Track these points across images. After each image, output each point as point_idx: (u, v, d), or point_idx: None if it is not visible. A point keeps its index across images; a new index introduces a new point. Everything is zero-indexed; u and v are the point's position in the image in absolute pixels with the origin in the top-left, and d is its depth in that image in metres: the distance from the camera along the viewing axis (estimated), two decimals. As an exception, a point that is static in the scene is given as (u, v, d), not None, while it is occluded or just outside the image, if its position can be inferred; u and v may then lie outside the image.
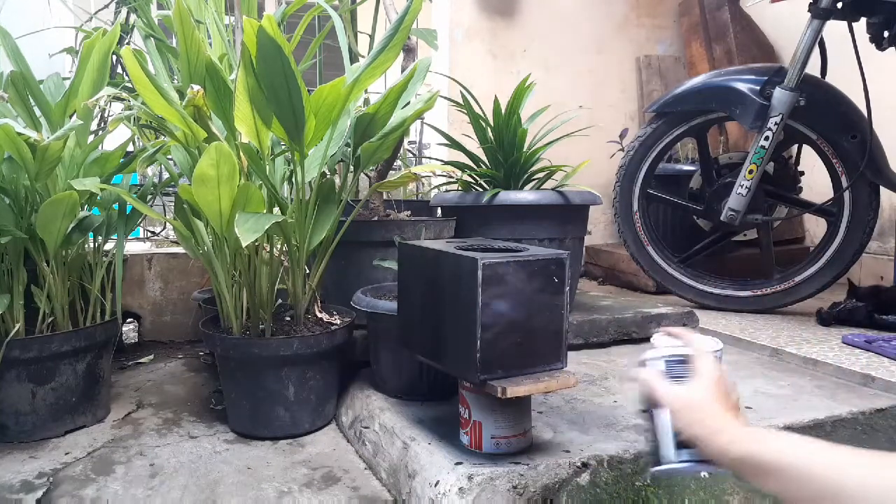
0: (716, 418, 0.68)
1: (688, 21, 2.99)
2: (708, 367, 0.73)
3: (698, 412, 0.69)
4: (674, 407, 0.72)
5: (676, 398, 0.72)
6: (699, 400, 0.70)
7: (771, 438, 0.63)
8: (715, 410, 0.68)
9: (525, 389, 0.87)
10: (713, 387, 0.71)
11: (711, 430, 0.67)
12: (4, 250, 1.22)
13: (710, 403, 0.69)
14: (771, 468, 0.60)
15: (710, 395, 0.70)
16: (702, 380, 0.72)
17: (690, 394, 0.71)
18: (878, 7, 1.61)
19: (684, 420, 0.70)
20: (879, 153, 1.74)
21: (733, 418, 0.68)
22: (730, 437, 0.65)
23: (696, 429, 0.68)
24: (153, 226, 2.29)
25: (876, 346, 1.47)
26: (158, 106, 1.06)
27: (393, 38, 1.11)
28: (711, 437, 0.67)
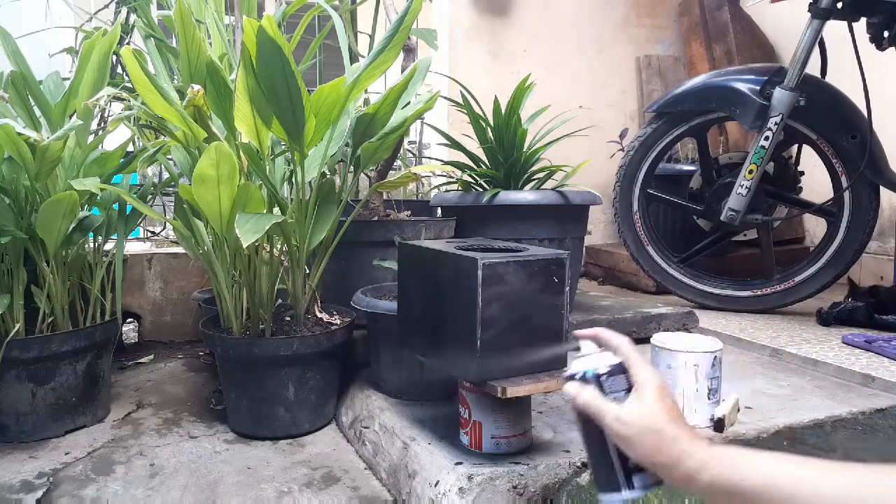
0: (676, 441, 0.60)
1: (688, 21, 2.99)
2: (646, 376, 0.65)
3: (652, 436, 0.61)
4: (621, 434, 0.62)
5: (621, 423, 0.62)
6: (652, 423, 0.61)
7: (741, 461, 0.56)
8: (672, 431, 0.60)
9: (525, 389, 0.87)
10: (661, 401, 0.63)
11: (673, 457, 0.59)
12: (4, 250, 1.22)
13: (664, 424, 0.61)
14: (747, 495, 0.54)
15: (661, 414, 0.61)
16: (644, 395, 0.63)
17: (638, 416, 0.62)
18: (878, 7, 1.61)
19: (639, 451, 0.62)
20: (879, 153, 1.74)
21: (689, 436, 0.60)
22: (696, 463, 0.58)
23: (655, 457, 0.60)
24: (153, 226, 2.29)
25: (876, 346, 1.47)
26: (158, 106, 1.06)
27: (393, 38, 1.11)
28: (674, 465, 0.59)
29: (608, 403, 0.64)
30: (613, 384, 0.66)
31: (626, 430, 0.62)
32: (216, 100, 1.11)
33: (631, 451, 0.63)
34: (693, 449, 0.59)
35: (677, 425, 0.61)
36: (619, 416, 0.63)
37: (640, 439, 0.61)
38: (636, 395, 0.64)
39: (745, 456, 0.56)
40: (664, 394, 0.63)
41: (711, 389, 1.03)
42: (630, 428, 0.62)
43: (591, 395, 0.66)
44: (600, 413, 0.64)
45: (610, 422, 0.63)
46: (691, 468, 0.58)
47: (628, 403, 0.64)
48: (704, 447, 0.59)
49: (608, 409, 0.64)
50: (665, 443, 0.60)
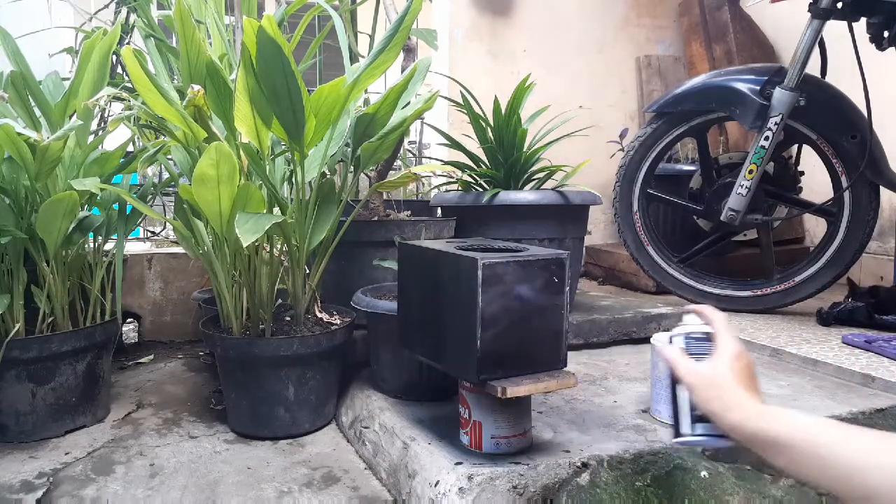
0: (730, 395, 0.70)
1: (688, 21, 2.99)
2: (728, 344, 0.75)
3: (714, 389, 0.71)
4: (690, 383, 0.74)
5: (693, 375, 0.74)
6: (715, 376, 0.72)
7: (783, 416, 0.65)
8: (730, 387, 0.70)
9: (525, 389, 0.87)
10: (731, 364, 0.73)
11: (725, 407, 0.69)
12: (4, 250, 1.22)
13: (726, 380, 0.71)
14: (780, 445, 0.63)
15: (727, 372, 0.72)
16: (721, 357, 0.74)
17: (707, 371, 0.73)
18: (878, 7, 1.61)
19: (700, 396, 0.73)
20: (879, 153, 1.74)
21: (749, 395, 0.70)
22: (743, 414, 0.67)
23: (712, 405, 0.71)
24: (153, 226, 2.29)
25: (876, 346, 1.47)
26: (158, 106, 1.06)
27: (393, 38, 1.11)
28: (725, 413, 0.69)
29: (685, 359, 0.77)
30: (698, 347, 0.78)
31: (692, 379, 0.74)
32: (216, 100, 1.11)
33: (694, 398, 0.74)
34: (743, 402, 0.69)
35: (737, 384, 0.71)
36: (690, 368, 0.75)
37: (700, 388, 0.73)
38: (713, 357, 0.75)
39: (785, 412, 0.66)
40: (738, 361, 0.73)
41: (711, 389, 1.03)
42: (696, 378, 0.74)
43: (672, 350, 0.79)
44: (675, 364, 0.77)
45: (682, 372, 0.76)
46: (738, 419, 0.68)
47: (703, 362, 0.75)
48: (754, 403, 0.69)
49: (683, 362, 0.76)
50: (719, 393, 0.71)
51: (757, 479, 1.00)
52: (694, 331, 0.80)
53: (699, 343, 0.79)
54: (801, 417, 0.64)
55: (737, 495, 0.97)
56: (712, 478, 0.97)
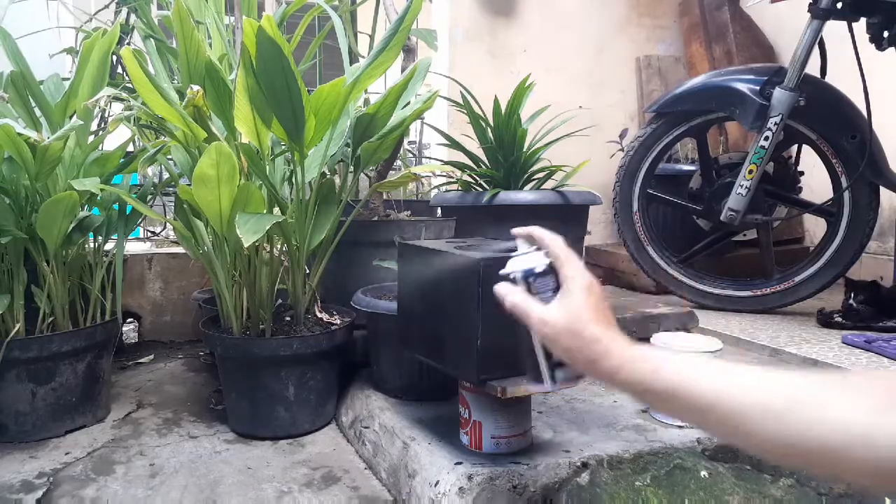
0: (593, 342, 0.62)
1: (688, 21, 2.99)
2: (575, 276, 0.66)
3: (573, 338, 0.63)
4: (545, 335, 0.65)
5: (544, 323, 0.65)
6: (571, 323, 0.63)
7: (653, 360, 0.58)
8: (591, 333, 0.62)
9: (525, 389, 0.87)
10: (585, 301, 0.64)
11: (592, 357, 0.61)
12: (4, 250, 1.22)
13: (584, 325, 0.62)
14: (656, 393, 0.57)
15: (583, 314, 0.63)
16: (571, 294, 0.65)
17: (559, 315, 0.64)
18: (877, 7, 1.61)
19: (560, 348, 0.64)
20: (879, 153, 1.74)
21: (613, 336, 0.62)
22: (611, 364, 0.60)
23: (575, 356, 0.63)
24: (153, 226, 2.29)
25: (876, 346, 1.47)
26: (158, 106, 1.06)
27: (393, 38, 1.12)
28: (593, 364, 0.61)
29: (534, 304, 0.67)
30: (542, 284, 0.68)
31: (547, 329, 0.65)
32: (216, 100, 1.11)
33: (553, 350, 0.66)
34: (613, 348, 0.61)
35: (598, 326, 0.62)
36: (542, 317, 0.65)
37: (561, 339, 0.64)
38: (561, 295, 0.66)
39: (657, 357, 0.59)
40: (589, 293, 0.65)
41: (711, 389, 1.03)
42: (552, 328, 0.64)
43: (518, 296, 0.68)
44: (526, 314, 0.67)
45: (534, 322, 0.66)
46: (610, 367, 0.60)
47: (552, 304, 0.66)
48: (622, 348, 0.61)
49: (533, 310, 0.66)
50: (584, 343, 0.62)
51: (757, 478, 1.00)
52: (532, 264, 0.69)
53: (542, 279, 0.68)
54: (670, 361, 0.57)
55: (737, 495, 0.97)
56: (712, 478, 0.97)
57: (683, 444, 0.99)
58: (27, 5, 1.61)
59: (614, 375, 0.60)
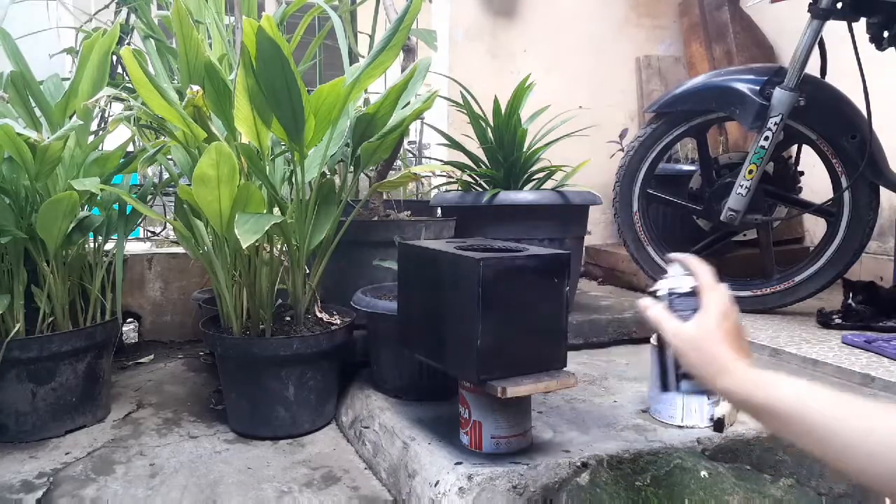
0: (717, 358, 0.68)
1: (688, 21, 2.99)
2: (715, 301, 0.72)
3: (701, 353, 0.69)
4: (677, 347, 0.72)
5: (676, 337, 0.72)
6: (702, 339, 0.70)
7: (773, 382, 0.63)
8: (716, 349, 0.68)
9: (525, 389, 0.88)
10: (718, 323, 0.70)
11: (712, 371, 0.68)
12: (4, 250, 1.22)
13: (711, 342, 0.69)
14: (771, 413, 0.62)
15: (713, 333, 0.69)
16: (707, 316, 0.71)
17: (693, 332, 0.71)
18: (877, 7, 1.61)
19: (688, 360, 0.71)
20: (879, 153, 1.74)
21: (736, 357, 0.67)
22: (732, 380, 0.66)
23: (700, 369, 0.69)
24: (153, 226, 2.29)
25: (876, 346, 1.47)
26: (158, 106, 1.06)
27: (392, 38, 1.12)
28: (714, 378, 0.67)
29: (670, 319, 0.74)
30: (683, 304, 0.75)
31: (678, 342, 0.72)
32: (215, 100, 1.11)
33: (681, 361, 0.73)
34: (732, 367, 0.67)
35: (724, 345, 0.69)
36: (675, 330, 0.72)
37: (688, 353, 0.71)
38: (699, 316, 0.72)
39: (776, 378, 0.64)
40: (724, 319, 0.71)
41: (711, 389, 1.03)
42: (680, 340, 0.72)
43: (658, 310, 0.76)
44: (660, 326, 0.74)
45: (667, 334, 0.73)
46: (728, 385, 0.66)
47: (689, 322, 0.72)
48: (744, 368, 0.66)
49: (668, 323, 0.73)
50: (707, 358, 0.69)
51: (757, 479, 1.00)
52: (678, 286, 0.76)
53: (684, 299, 0.75)
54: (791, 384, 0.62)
55: (737, 495, 0.98)
56: (712, 478, 0.97)
57: (683, 444, 0.99)
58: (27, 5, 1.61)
59: (731, 390, 0.66)
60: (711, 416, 1.04)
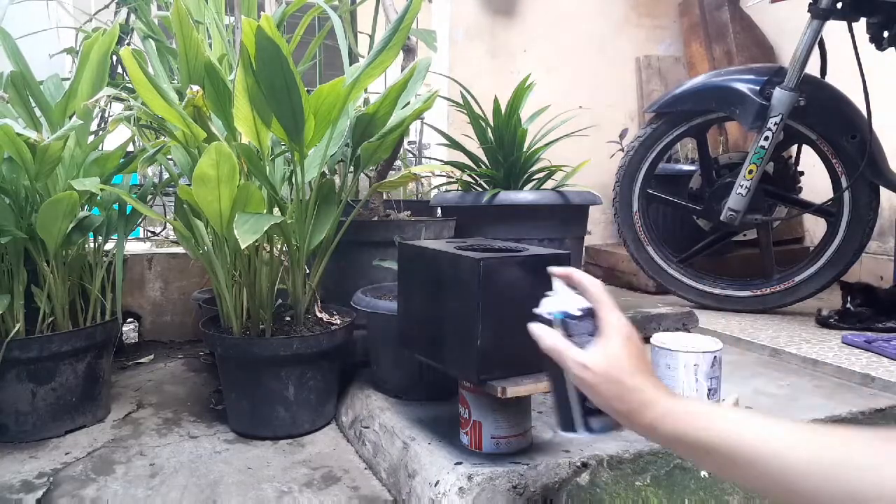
0: (635, 391, 0.59)
1: (688, 21, 2.99)
2: (614, 323, 0.64)
3: (613, 385, 0.60)
4: (584, 380, 0.62)
5: (585, 370, 0.62)
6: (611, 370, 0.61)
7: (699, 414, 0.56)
8: (632, 381, 0.60)
9: (525, 389, 0.87)
10: (626, 349, 0.62)
11: (632, 407, 0.59)
12: (4, 250, 1.22)
13: (626, 374, 0.60)
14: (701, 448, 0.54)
15: (625, 362, 0.61)
16: (610, 342, 0.63)
17: (601, 363, 0.62)
18: (877, 7, 1.61)
19: (599, 396, 0.62)
20: (879, 153, 1.74)
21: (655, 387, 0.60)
22: (657, 413, 0.58)
23: (615, 405, 0.60)
24: (153, 226, 2.29)
25: (876, 346, 1.47)
26: (158, 106, 1.06)
27: (392, 38, 1.12)
28: (634, 414, 0.59)
29: (571, 348, 0.64)
30: (580, 327, 0.66)
31: (586, 375, 0.62)
32: (215, 100, 1.11)
33: (591, 397, 0.63)
34: (653, 400, 0.58)
35: (639, 375, 0.60)
36: (580, 361, 0.63)
37: (600, 387, 0.61)
38: (601, 341, 0.64)
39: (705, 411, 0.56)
40: (630, 342, 0.63)
41: (711, 389, 1.03)
42: (590, 375, 0.62)
43: (554, 338, 0.66)
44: (562, 357, 0.64)
45: (571, 366, 0.63)
46: (652, 419, 0.58)
47: (591, 349, 0.63)
48: (665, 398, 0.58)
49: (570, 354, 0.64)
50: (625, 392, 0.60)
51: (757, 478, 1.00)
52: (568, 307, 0.67)
53: (579, 322, 0.66)
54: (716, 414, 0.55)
55: (737, 495, 0.98)
56: (712, 478, 0.97)
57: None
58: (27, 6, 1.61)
59: (656, 427, 0.58)
60: (711, 416, 1.03)
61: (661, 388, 0.60)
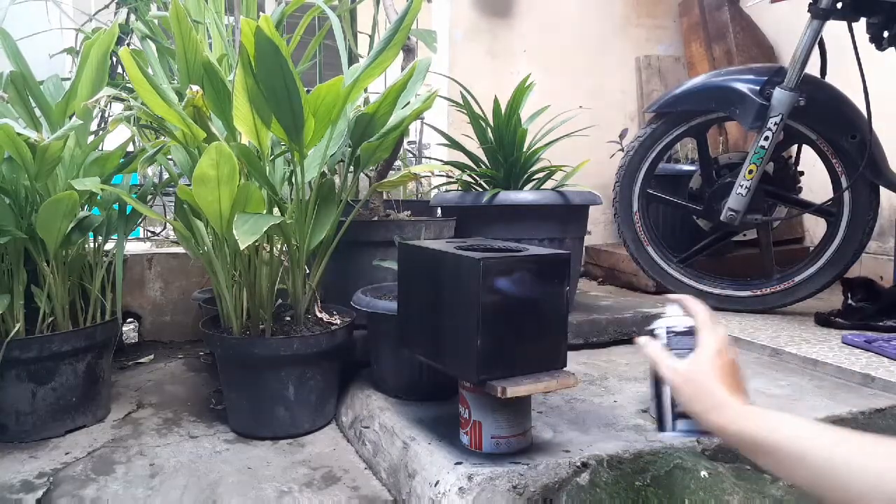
0: (712, 395, 0.69)
1: (688, 21, 2.99)
2: (710, 340, 0.74)
3: (695, 389, 0.70)
4: (672, 382, 0.74)
5: (673, 374, 0.73)
6: (696, 375, 0.71)
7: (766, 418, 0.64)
8: (712, 386, 0.69)
9: (525, 389, 0.87)
10: (712, 361, 0.71)
11: (707, 407, 0.68)
12: (4, 250, 1.22)
13: (707, 379, 0.70)
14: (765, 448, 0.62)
15: (709, 370, 0.70)
16: (702, 354, 0.73)
17: (688, 369, 0.72)
18: (877, 7, 1.61)
19: (682, 396, 0.72)
20: (879, 153, 1.74)
21: (731, 394, 0.68)
22: (726, 416, 0.66)
23: (694, 405, 0.70)
24: (153, 226, 2.29)
25: (876, 346, 1.47)
26: (157, 106, 1.06)
27: (392, 38, 1.12)
28: (707, 414, 0.68)
29: (667, 356, 0.76)
30: (680, 342, 0.78)
31: (673, 377, 0.74)
32: (215, 100, 1.11)
33: (676, 398, 0.74)
34: (727, 404, 0.67)
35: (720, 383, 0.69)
36: (671, 366, 0.74)
37: (682, 389, 0.72)
38: (695, 353, 0.74)
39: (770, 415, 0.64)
40: (720, 357, 0.72)
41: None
42: (677, 376, 0.73)
43: (655, 347, 0.78)
44: (657, 362, 0.76)
45: (663, 370, 0.75)
46: (723, 420, 0.67)
47: (685, 359, 0.74)
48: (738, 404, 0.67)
49: (664, 360, 0.75)
50: (702, 394, 0.70)
51: (757, 479, 1.00)
52: (675, 324, 0.79)
53: (681, 338, 0.78)
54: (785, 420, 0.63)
55: (737, 495, 0.97)
56: (712, 478, 0.97)
57: (683, 444, 0.99)
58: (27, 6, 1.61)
59: (726, 426, 0.66)
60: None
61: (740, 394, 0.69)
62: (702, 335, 0.75)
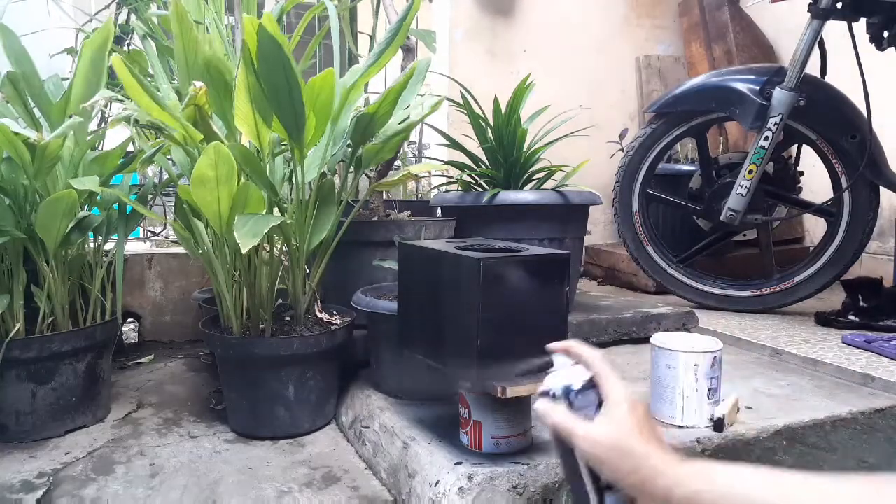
0: (647, 459, 0.58)
1: (687, 21, 2.99)
2: (618, 391, 0.63)
3: (626, 458, 0.59)
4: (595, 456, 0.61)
5: (593, 444, 0.61)
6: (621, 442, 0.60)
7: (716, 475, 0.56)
8: (643, 450, 0.59)
9: (525, 389, 0.87)
10: (630, 418, 0.61)
11: (646, 477, 0.58)
12: (4, 250, 1.22)
13: (635, 443, 0.59)
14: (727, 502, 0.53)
15: (633, 430, 0.60)
16: (616, 412, 0.62)
17: (611, 436, 0.61)
18: (877, 7, 1.61)
19: (612, 470, 0.60)
20: (879, 153, 1.74)
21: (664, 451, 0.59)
22: (670, 480, 0.57)
23: (626, 476, 0.59)
24: (153, 226, 2.29)
25: (876, 346, 1.47)
26: (153, 110, 1.05)
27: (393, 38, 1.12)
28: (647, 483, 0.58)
29: (578, 422, 0.63)
30: (584, 400, 0.65)
31: (595, 449, 0.61)
32: (216, 99, 1.11)
33: (602, 470, 0.62)
34: (666, 465, 0.58)
35: (648, 442, 0.60)
36: (587, 435, 0.62)
37: (610, 459, 0.60)
38: (606, 411, 0.63)
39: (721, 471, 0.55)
40: (634, 409, 0.62)
41: (711, 389, 1.03)
42: (599, 447, 0.61)
43: (560, 414, 0.65)
44: (569, 432, 0.63)
45: (579, 442, 0.62)
46: (666, 485, 0.57)
47: (597, 421, 0.63)
48: (677, 463, 0.58)
49: (577, 429, 0.63)
50: (635, 462, 0.59)
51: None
52: (571, 381, 0.66)
53: (583, 395, 0.65)
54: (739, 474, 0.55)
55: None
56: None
57: (683, 444, 0.99)
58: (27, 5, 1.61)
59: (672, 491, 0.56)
60: (711, 415, 1.03)
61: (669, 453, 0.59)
62: (605, 387, 0.64)
